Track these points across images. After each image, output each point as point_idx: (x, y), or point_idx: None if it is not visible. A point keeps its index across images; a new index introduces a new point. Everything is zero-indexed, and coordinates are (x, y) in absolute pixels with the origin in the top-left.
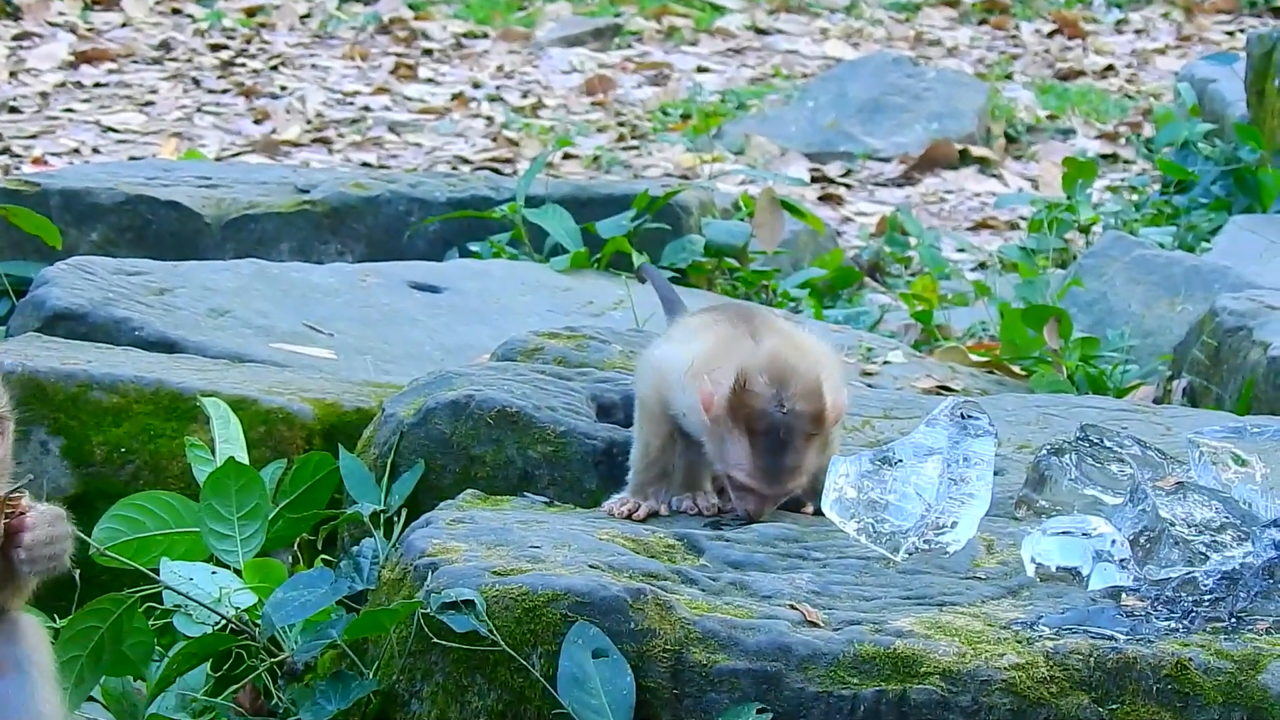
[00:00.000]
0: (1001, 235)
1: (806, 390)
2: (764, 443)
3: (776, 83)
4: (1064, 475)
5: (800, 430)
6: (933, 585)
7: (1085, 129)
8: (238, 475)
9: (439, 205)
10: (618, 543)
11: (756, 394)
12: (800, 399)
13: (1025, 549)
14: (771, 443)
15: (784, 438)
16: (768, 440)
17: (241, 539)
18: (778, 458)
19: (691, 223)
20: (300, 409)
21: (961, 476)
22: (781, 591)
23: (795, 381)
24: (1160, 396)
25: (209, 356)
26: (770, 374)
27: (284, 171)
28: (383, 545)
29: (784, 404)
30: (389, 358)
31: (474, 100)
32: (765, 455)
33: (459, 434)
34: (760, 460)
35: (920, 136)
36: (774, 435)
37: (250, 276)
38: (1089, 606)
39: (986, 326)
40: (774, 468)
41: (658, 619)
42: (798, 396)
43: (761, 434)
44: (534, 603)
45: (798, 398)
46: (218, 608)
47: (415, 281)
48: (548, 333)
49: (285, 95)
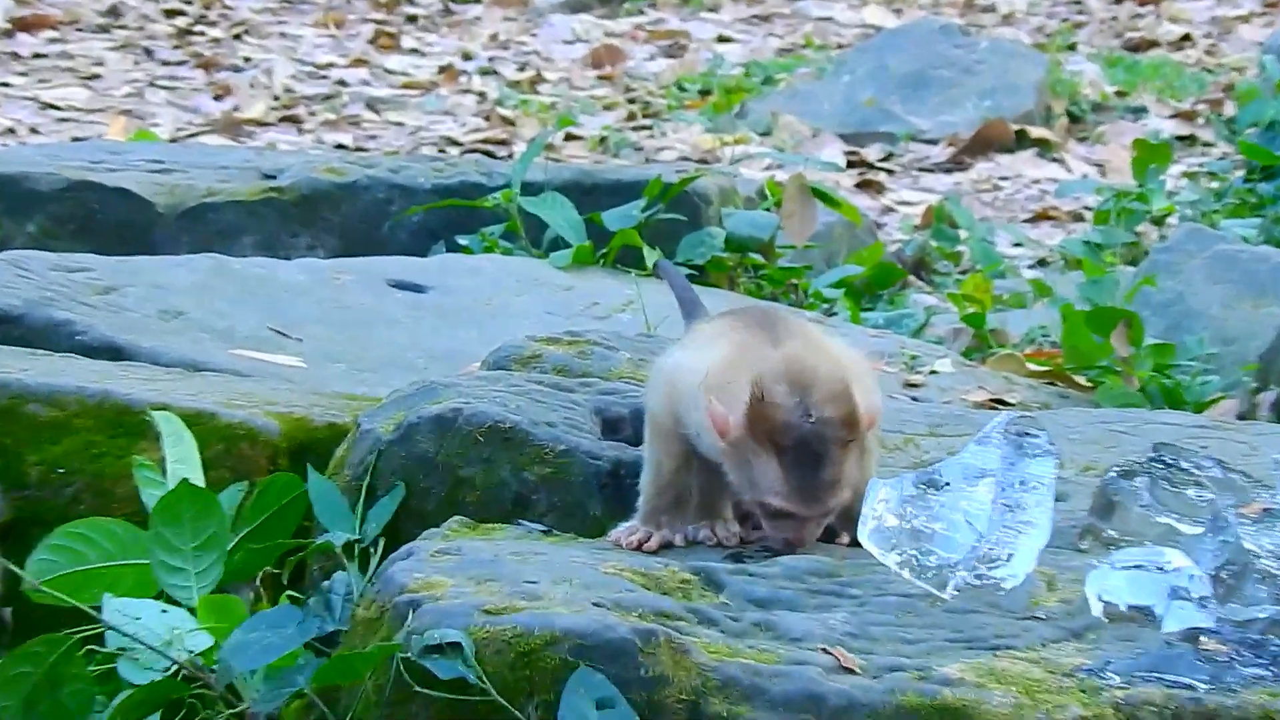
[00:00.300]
0: (1064, 228)
1: (832, 393)
2: (795, 458)
3: (808, 54)
4: (1135, 501)
5: (833, 438)
6: (985, 626)
7: (1158, 107)
8: (192, 500)
9: (423, 193)
10: (625, 577)
11: (777, 405)
12: (827, 404)
13: (1091, 585)
14: (804, 457)
15: (817, 449)
16: (799, 455)
17: (196, 572)
18: (814, 473)
19: (711, 213)
20: (264, 424)
21: (1018, 502)
22: (813, 633)
23: (818, 386)
24: (1245, 411)
25: (161, 364)
26: (789, 381)
27: (247, 154)
28: (357, 580)
29: (810, 412)
30: (366, 366)
31: (464, 74)
32: (799, 472)
33: (445, 453)
34: (794, 479)
35: (971, 115)
36: (805, 448)
37: (208, 273)
38: (1164, 651)
39: (1047, 331)
40: (812, 484)
41: (671, 664)
42: (824, 401)
43: (790, 449)
44: (530, 646)
45: (824, 403)
46: (168, 651)
47: (396, 279)
48: (546, 338)
49: (249, 68)
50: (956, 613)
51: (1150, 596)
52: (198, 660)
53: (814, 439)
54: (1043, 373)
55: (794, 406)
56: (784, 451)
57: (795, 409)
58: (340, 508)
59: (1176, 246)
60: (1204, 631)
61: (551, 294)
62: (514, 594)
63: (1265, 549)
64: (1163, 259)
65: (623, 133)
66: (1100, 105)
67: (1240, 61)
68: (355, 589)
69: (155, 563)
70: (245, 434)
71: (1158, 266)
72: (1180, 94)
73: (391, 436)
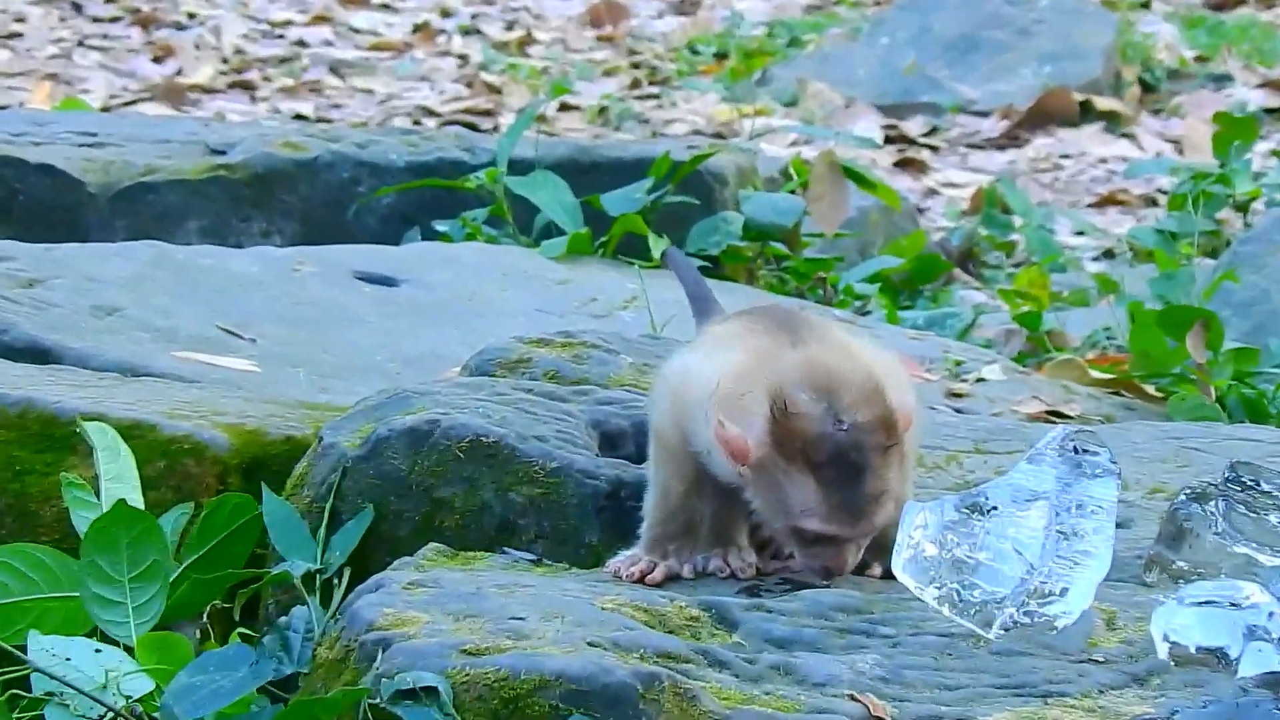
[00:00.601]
0: (1134, 214)
1: (864, 395)
2: (833, 473)
3: (840, 12)
4: (1208, 528)
5: (872, 445)
6: (1035, 670)
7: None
8: (130, 523)
9: (396, 171)
10: (625, 613)
11: (804, 415)
12: (859, 407)
13: (1157, 624)
14: (842, 471)
15: (855, 460)
16: (837, 469)
17: (134, 606)
18: (856, 487)
19: (727, 196)
20: (212, 437)
21: (1074, 529)
22: (839, 678)
23: (847, 388)
24: None
25: (93, 369)
26: (813, 386)
27: (192, 126)
28: (319, 615)
29: (841, 418)
30: (329, 370)
31: (442, 33)
32: (839, 489)
33: (419, 471)
34: (834, 496)
35: (1029, 84)
36: (843, 460)
37: (148, 264)
38: (1238, 699)
39: (1112, 333)
40: (854, 501)
41: (677, 712)
42: (855, 405)
43: (826, 464)
44: (515, 691)
45: (855, 407)
46: (103, 696)
47: (364, 271)
48: (536, 339)
49: (194, 25)
50: (1003, 655)
51: (1224, 637)
52: (136, 707)
53: (851, 449)
54: (1107, 381)
55: (823, 415)
56: (819, 468)
57: (824, 417)
58: (299, 533)
59: (1263, 236)
60: None
61: (543, 288)
62: (498, 632)
63: None
64: (1246, 250)
65: (626, 102)
66: (1177, 72)
67: None
68: (316, 626)
69: (88, 595)
70: (190, 448)
71: (1240, 259)
72: (1270, 60)
73: (358, 452)
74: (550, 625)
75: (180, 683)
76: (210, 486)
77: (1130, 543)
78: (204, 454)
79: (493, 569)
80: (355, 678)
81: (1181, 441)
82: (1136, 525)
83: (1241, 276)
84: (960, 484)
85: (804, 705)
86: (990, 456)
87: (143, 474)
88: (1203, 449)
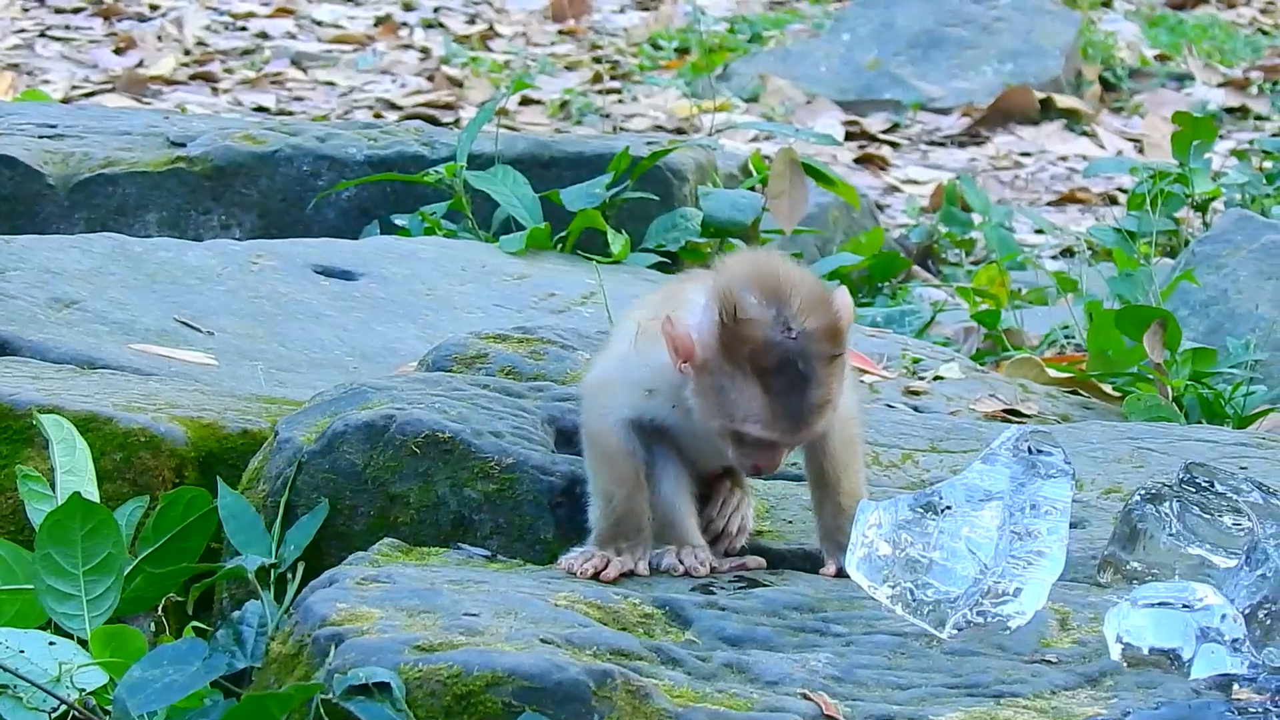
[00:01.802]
0: (1093, 212)
1: (812, 300)
2: (780, 381)
3: (802, 7)
4: (1163, 529)
5: (820, 354)
6: (988, 670)
7: (1205, 74)
8: (85, 517)
9: (355, 165)
10: (579, 610)
11: (754, 320)
12: (808, 314)
13: (1110, 625)
14: (789, 379)
15: (804, 369)
16: (784, 376)
17: (89, 599)
18: (800, 395)
19: (686, 192)
20: (168, 431)
21: (1028, 530)
22: (791, 676)
23: (797, 293)
24: None
25: (50, 361)
26: (762, 290)
27: (152, 118)
28: (272, 610)
29: (790, 325)
30: (286, 364)
31: (404, 26)
32: (784, 397)
33: (375, 466)
34: (780, 404)
35: (990, 81)
36: (790, 368)
37: (106, 256)
38: (1191, 700)
39: (1070, 332)
40: (799, 409)
41: (629, 710)
42: (804, 312)
43: (772, 370)
44: (468, 687)
45: (805, 313)
46: (56, 688)
47: (322, 265)
48: (494, 335)
49: (156, 17)
50: (956, 654)
51: (1177, 638)
52: (90, 700)
53: (799, 357)
54: (1064, 380)
55: (774, 319)
56: (765, 374)
57: (775, 322)
58: (254, 527)
59: (1221, 236)
60: (1237, 678)
61: (501, 283)
62: (451, 628)
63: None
64: (1205, 250)
65: (587, 97)
66: (1138, 71)
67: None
68: (270, 620)
69: (42, 588)
70: (146, 441)
71: (1199, 259)
72: (1231, 59)
73: (314, 447)
74: (504, 622)
75: (134, 676)
76: (166, 480)
77: (1085, 543)
78: (160, 447)
79: (447, 565)
80: (308, 673)
81: (1137, 441)
82: (1091, 525)
83: (1200, 277)
84: (916, 483)
85: (756, 703)
86: (946, 455)
87: (99, 467)
88: (1158, 449)
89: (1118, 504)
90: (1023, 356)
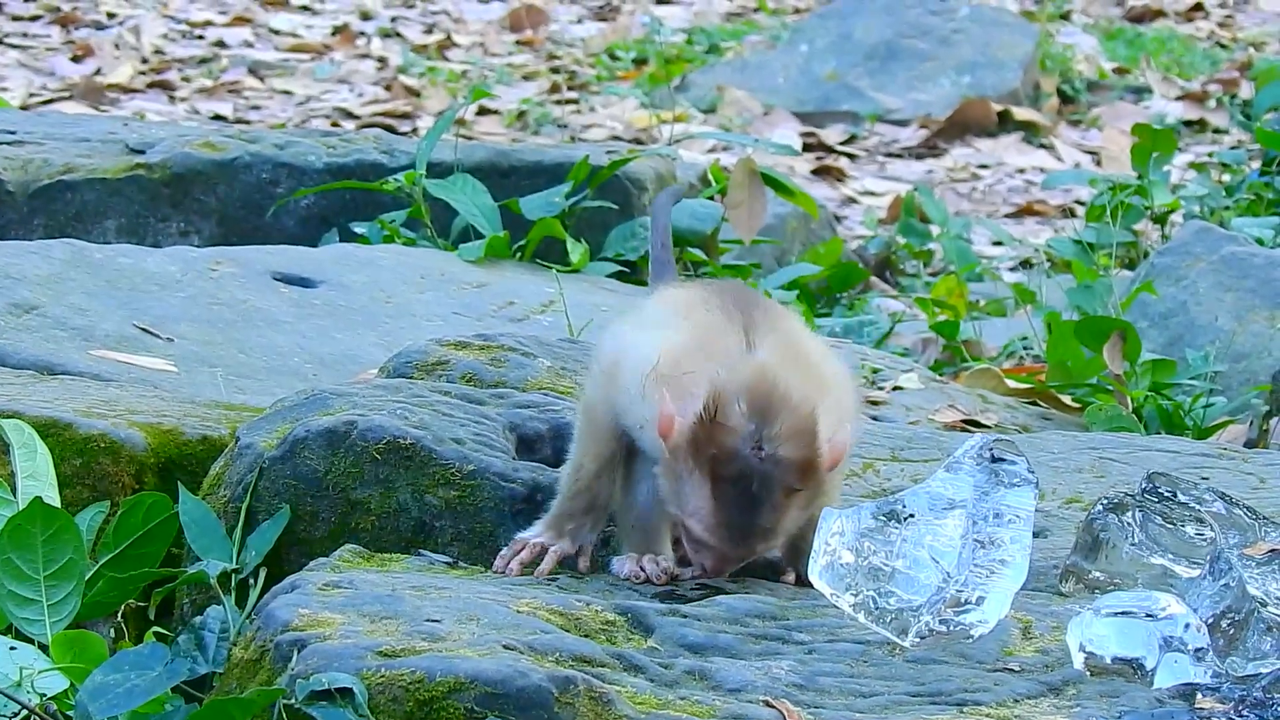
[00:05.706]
0: (1052, 224)
1: (795, 429)
2: (731, 493)
3: (760, 19)
4: (1125, 539)
5: (780, 483)
6: (951, 679)
7: (1164, 87)
8: (45, 522)
9: (314, 173)
10: (541, 617)
11: (728, 429)
12: (785, 441)
13: (1073, 634)
14: (741, 495)
15: (757, 491)
16: (736, 490)
17: (49, 604)
18: (747, 515)
19: (645, 201)
20: (128, 436)
21: (991, 538)
22: (753, 684)
23: (782, 416)
24: (1254, 438)
25: (9, 366)
26: (751, 402)
27: (111, 125)
28: (234, 615)
29: (762, 446)
30: (246, 371)
31: (362, 35)
32: (730, 509)
33: (336, 472)
34: (723, 515)
35: (948, 93)
36: (745, 485)
37: (65, 262)
38: (1154, 709)
39: (1029, 343)
40: (740, 526)
41: (592, 716)
42: (782, 437)
43: (729, 481)
44: (430, 693)
45: (782, 439)
46: (17, 694)
47: (281, 272)
48: (454, 342)
49: (113, 25)
50: (919, 663)
51: (1140, 647)
52: (50, 705)
53: (759, 478)
54: (1023, 390)
55: (747, 435)
56: (721, 482)
57: (747, 438)
58: (215, 533)
59: (1180, 248)
60: (1200, 688)
61: (460, 291)
62: (413, 634)
63: (1272, 595)
64: (1164, 262)
65: (545, 107)
66: (1096, 84)
67: (1259, 36)
68: (232, 626)
69: (2, 593)
70: (106, 447)
71: (1158, 271)
72: (1189, 72)
73: (275, 453)
74: (466, 628)
75: (95, 681)
76: (127, 485)
77: (1047, 552)
78: (120, 453)
79: (409, 571)
80: (270, 678)
81: (1098, 452)
82: (1053, 535)
83: (1159, 288)
84: (877, 491)
85: (719, 711)
86: (907, 464)
87: (59, 472)
88: (1119, 459)
89: (1079, 514)
90: (982, 367)
